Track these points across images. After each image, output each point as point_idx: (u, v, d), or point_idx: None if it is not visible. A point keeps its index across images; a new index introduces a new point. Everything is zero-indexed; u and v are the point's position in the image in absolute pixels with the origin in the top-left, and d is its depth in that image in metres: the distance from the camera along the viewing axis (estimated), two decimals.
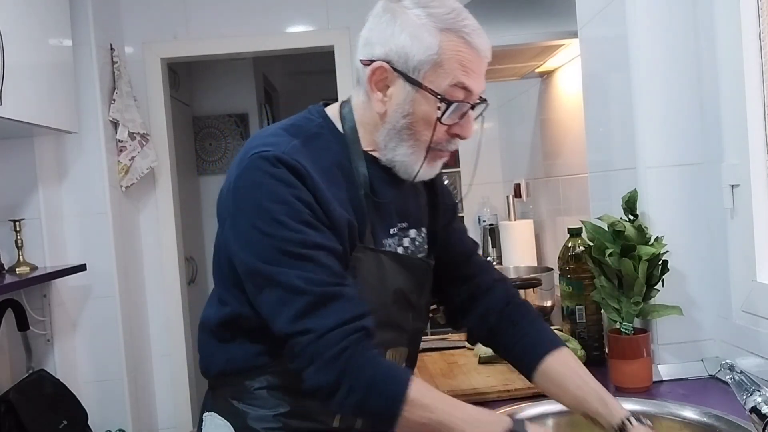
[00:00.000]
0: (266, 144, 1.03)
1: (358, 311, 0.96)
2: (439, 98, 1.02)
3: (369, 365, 0.95)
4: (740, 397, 0.88)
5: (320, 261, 0.98)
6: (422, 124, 1.05)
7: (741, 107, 1.19)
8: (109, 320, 3.01)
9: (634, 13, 1.32)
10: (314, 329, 0.94)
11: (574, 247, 1.48)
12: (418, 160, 1.07)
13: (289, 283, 0.96)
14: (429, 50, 1.01)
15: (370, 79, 1.04)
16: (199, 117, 4.41)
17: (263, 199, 0.99)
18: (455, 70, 1.03)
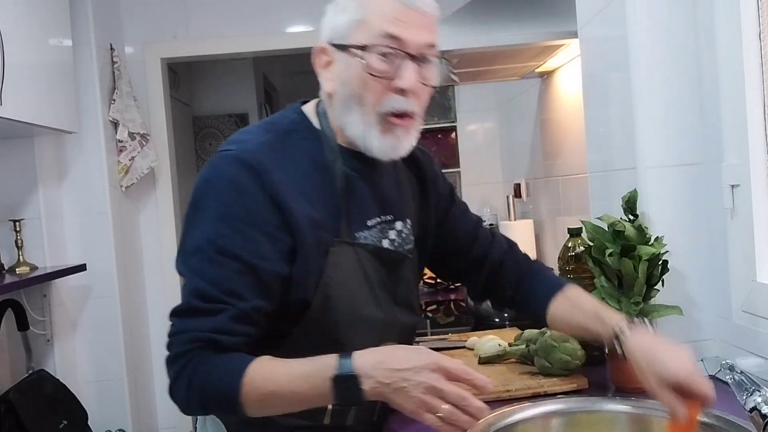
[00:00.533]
0: (235, 141, 1.07)
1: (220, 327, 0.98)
2: (356, 46, 1.03)
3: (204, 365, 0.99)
4: (740, 397, 0.88)
5: (227, 271, 0.99)
6: (360, 86, 1.04)
7: (741, 107, 1.19)
8: (109, 320, 3.01)
9: (634, 13, 1.32)
10: (174, 326, 1.04)
11: (574, 247, 1.47)
12: (370, 128, 1.06)
13: (190, 286, 1.01)
14: (351, 13, 1.04)
15: (315, 63, 1.10)
16: (199, 117, 4.41)
17: (207, 196, 1.03)
18: (380, 23, 1.02)
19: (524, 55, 2.02)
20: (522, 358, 1.44)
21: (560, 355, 1.33)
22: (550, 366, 1.34)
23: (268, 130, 1.10)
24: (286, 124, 1.12)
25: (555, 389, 1.29)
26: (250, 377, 0.95)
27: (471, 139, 3.58)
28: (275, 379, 0.96)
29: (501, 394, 1.29)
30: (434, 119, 3.57)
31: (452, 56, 1.93)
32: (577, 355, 1.34)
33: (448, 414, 0.87)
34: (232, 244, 1.00)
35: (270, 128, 1.10)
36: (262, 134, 1.08)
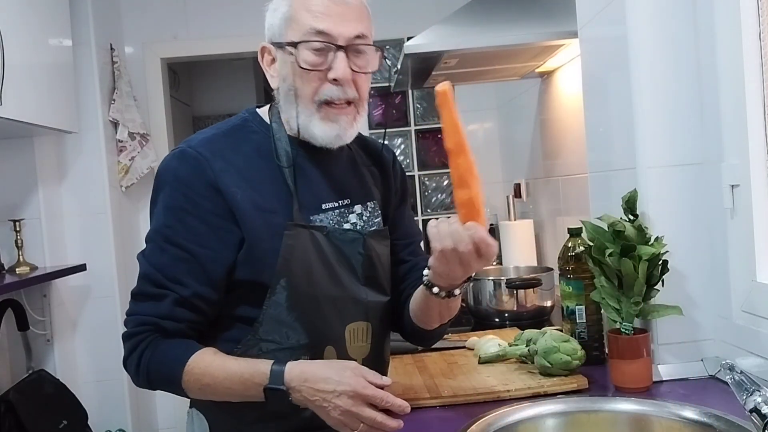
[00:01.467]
0: (187, 140, 1.16)
1: (167, 313, 1.09)
2: (288, 43, 1.11)
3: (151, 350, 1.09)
4: (740, 397, 0.88)
5: (169, 258, 1.09)
6: (296, 79, 1.12)
7: (741, 107, 1.19)
8: (109, 320, 3.01)
9: (634, 13, 1.32)
10: (129, 307, 1.13)
11: (574, 247, 1.47)
12: (311, 117, 1.13)
13: (142, 270, 1.12)
14: (281, 13, 1.13)
15: (262, 62, 1.18)
16: (199, 117, 4.41)
17: (159, 191, 1.12)
18: (305, 19, 1.10)
19: (524, 55, 2.02)
20: (522, 358, 1.44)
21: (560, 355, 1.33)
22: (550, 366, 1.34)
23: (217, 127, 1.19)
24: (234, 121, 1.21)
25: (555, 389, 1.29)
26: (191, 368, 1.06)
27: (471, 139, 3.52)
28: (213, 374, 1.06)
29: (501, 394, 1.29)
30: (434, 119, 3.57)
31: (452, 56, 1.93)
32: (577, 355, 1.34)
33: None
34: (175, 233, 1.09)
35: (219, 126, 1.20)
36: (208, 131, 1.18)
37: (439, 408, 1.28)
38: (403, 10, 3.26)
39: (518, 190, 2.94)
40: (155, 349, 1.09)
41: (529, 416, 1.18)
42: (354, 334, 1.18)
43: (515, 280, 1.99)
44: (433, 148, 3.58)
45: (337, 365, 1.05)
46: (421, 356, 1.61)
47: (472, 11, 1.93)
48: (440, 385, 1.37)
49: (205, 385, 1.07)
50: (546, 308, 1.97)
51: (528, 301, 1.94)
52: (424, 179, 3.58)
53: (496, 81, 2.69)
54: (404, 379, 1.42)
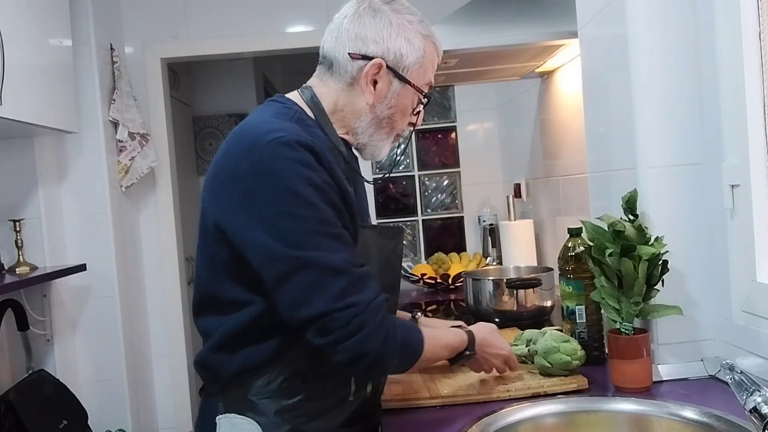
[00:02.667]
0: (276, 130, 1.06)
1: (380, 286, 1.09)
2: (423, 95, 1.22)
3: (398, 329, 1.09)
4: (740, 397, 0.88)
5: (347, 241, 1.08)
6: (399, 115, 1.22)
7: (741, 107, 1.19)
8: (109, 320, 3.01)
9: (634, 13, 1.32)
10: (358, 302, 1.02)
11: (574, 247, 1.47)
12: (386, 145, 1.24)
13: (328, 264, 1.02)
14: (419, 54, 1.19)
15: (366, 73, 1.16)
16: (199, 117, 4.41)
17: (291, 183, 1.02)
18: (429, 72, 1.22)
19: (524, 55, 2.02)
20: (522, 358, 1.44)
21: (560, 355, 1.33)
22: (550, 366, 1.34)
23: (287, 118, 1.13)
24: (294, 114, 1.16)
25: (555, 389, 1.29)
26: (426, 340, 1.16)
27: (471, 139, 3.58)
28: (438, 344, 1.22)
29: (501, 394, 1.29)
30: (434, 119, 3.57)
31: (452, 56, 1.93)
32: (577, 355, 1.34)
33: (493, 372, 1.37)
34: (335, 218, 1.07)
35: (286, 116, 1.14)
36: (286, 122, 1.12)
37: (439, 408, 1.28)
38: None
39: (518, 190, 2.94)
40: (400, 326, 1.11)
41: (529, 416, 1.18)
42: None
43: (515, 280, 1.99)
44: (433, 148, 3.58)
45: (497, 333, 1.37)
46: None
47: (472, 11, 1.93)
48: (440, 385, 1.37)
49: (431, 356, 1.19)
50: (546, 308, 1.97)
51: (528, 301, 1.94)
52: (424, 179, 3.58)
53: (496, 81, 2.68)
54: (404, 379, 1.42)
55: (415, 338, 1.14)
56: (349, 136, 1.22)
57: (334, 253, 1.03)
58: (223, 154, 1.10)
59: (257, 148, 1.04)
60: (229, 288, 1.12)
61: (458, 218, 3.58)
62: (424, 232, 3.58)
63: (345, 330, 1.01)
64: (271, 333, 1.11)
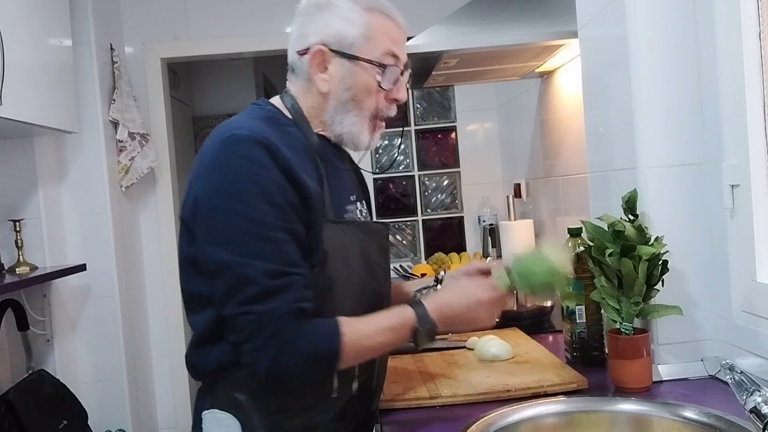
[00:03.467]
0: (236, 127, 1.11)
1: (297, 297, 1.05)
2: (377, 65, 1.18)
3: (305, 339, 1.05)
4: (740, 397, 0.88)
5: (279, 244, 1.06)
6: (364, 93, 1.19)
7: (741, 107, 1.19)
8: (109, 320, 3.01)
9: (634, 13, 1.32)
10: (257, 312, 1.03)
11: (574, 247, 1.47)
12: (363, 128, 1.21)
13: (241, 273, 1.04)
14: (360, 27, 1.17)
15: (311, 63, 1.18)
16: (199, 117, 4.41)
17: (234, 179, 1.06)
18: (384, 41, 1.18)
19: (524, 55, 2.02)
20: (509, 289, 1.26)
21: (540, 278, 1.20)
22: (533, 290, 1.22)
23: (255, 118, 1.17)
24: (263, 113, 1.19)
25: (555, 389, 1.29)
26: (345, 334, 1.07)
27: (471, 139, 3.58)
28: (368, 335, 1.11)
29: (501, 394, 1.29)
30: (434, 119, 3.57)
31: (452, 56, 1.93)
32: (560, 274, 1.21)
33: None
34: (275, 217, 1.06)
35: (256, 116, 1.17)
36: (255, 120, 1.15)
37: (439, 408, 1.28)
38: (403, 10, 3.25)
39: (518, 190, 2.94)
40: (302, 332, 1.05)
41: (529, 416, 1.18)
42: None
43: None
44: (433, 148, 3.58)
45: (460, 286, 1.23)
46: (421, 356, 1.61)
47: (472, 11, 1.93)
48: (440, 385, 1.37)
49: (365, 348, 1.11)
50: (546, 308, 1.97)
51: (528, 301, 1.94)
52: (424, 179, 3.59)
53: (496, 81, 2.68)
54: (404, 379, 1.42)
55: (326, 344, 1.07)
56: (326, 131, 1.22)
57: (253, 259, 1.04)
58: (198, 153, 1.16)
59: (214, 145, 1.10)
60: (195, 283, 1.15)
61: (458, 218, 3.58)
62: (424, 232, 3.58)
63: (243, 335, 1.05)
64: None
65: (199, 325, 1.16)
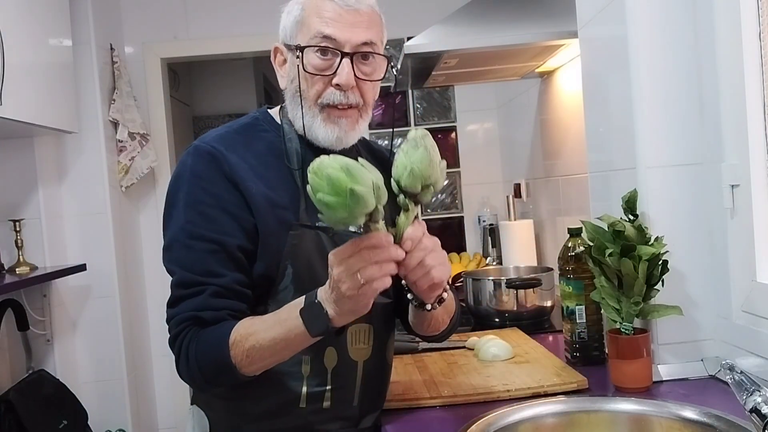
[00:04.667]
0: (200, 137, 1.17)
1: (201, 305, 1.08)
2: (295, 47, 1.14)
3: (194, 341, 1.08)
4: (740, 397, 0.88)
5: (200, 253, 1.09)
6: (304, 82, 1.14)
7: (741, 107, 1.19)
8: (109, 320, 3.01)
9: (634, 13, 1.32)
10: (169, 315, 1.14)
11: (574, 247, 1.48)
12: (315, 119, 1.15)
13: (174, 278, 1.14)
14: (293, 16, 1.16)
15: (274, 62, 1.21)
16: (199, 117, 4.41)
17: (177, 191, 1.13)
18: (315, 24, 1.12)
19: (524, 55, 2.02)
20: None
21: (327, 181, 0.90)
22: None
23: (229, 125, 1.21)
24: (246, 120, 1.23)
25: (555, 389, 1.29)
26: (234, 338, 1.04)
27: (471, 139, 3.58)
28: (255, 332, 1.03)
29: (501, 394, 1.29)
30: (434, 119, 3.57)
31: (452, 56, 1.93)
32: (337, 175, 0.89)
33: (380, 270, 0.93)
34: (200, 227, 1.09)
35: (231, 124, 1.22)
36: (221, 129, 1.20)
37: (439, 408, 1.28)
38: (403, 10, 3.26)
39: (518, 190, 2.94)
40: (197, 340, 1.07)
41: (529, 416, 1.18)
42: (356, 336, 1.17)
43: (515, 280, 1.99)
44: None
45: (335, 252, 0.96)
46: (421, 356, 1.61)
47: (472, 11, 1.93)
48: (440, 385, 1.37)
49: (251, 348, 1.02)
50: (546, 308, 1.97)
51: (528, 301, 1.94)
52: None
53: (496, 81, 2.69)
54: (404, 379, 1.42)
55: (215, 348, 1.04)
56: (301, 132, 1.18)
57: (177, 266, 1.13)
58: None
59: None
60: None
61: (458, 218, 3.58)
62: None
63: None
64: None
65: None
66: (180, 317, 1.10)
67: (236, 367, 1.04)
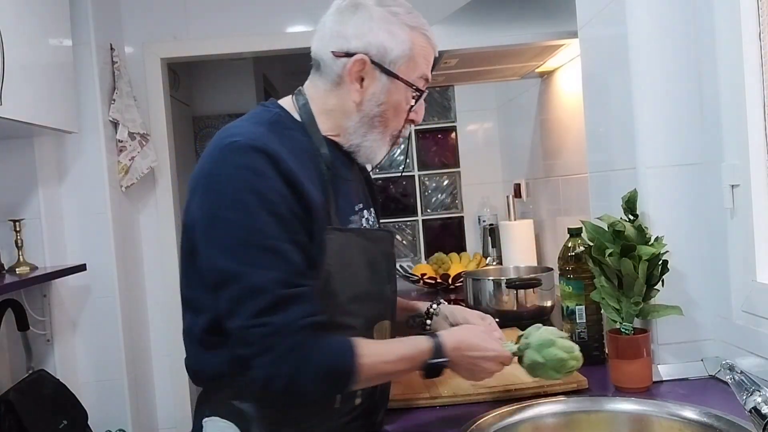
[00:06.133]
0: (235, 134, 1.07)
1: (311, 310, 1.02)
2: (414, 89, 1.16)
3: (319, 354, 1.02)
4: (740, 397, 0.88)
5: (284, 255, 1.02)
6: (392, 112, 1.16)
7: (741, 107, 1.19)
8: (109, 320, 3.01)
9: (634, 13, 1.32)
10: (272, 323, 0.99)
11: (574, 247, 1.47)
12: (383, 145, 1.18)
13: (250, 282, 1.00)
14: (404, 46, 1.13)
15: (350, 70, 1.13)
16: (199, 117, 4.41)
17: (233, 189, 1.02)
18: (422, 64, 1.16)
19: (524, 55, 2.02)
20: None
21: (556, 350, 1.18)
22: (542, 363, 1.18)
23: (259, 122, 1.12)
24: (267, 116, 1.15)
25: (555, 389, 1.29)
26: (362, 356, 1.04)
27: (471, 139, 3.58)
28: (383, 359, 1.08)
29: (501, 394, 1.28)
30: (434, 119, 3.57)
31: (452, 56, 1.93)
32: (574, 354, 1.19)
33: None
34: (278, 228, 1.02)
35: (258, 121, 1.13)
36: (255, 126, 1.10)
37: (439, 408, 1.28)
38: None
39: (518, 190, 2.94)
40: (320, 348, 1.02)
41: (529, 416, 1.18)
42: (380, 333, 1.19)
43: (515, 280, 1.99)
44: (433, 148, 3.58)
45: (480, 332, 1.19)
46: None
47: (472, 11, 1.93)
48: (440, 385, 1.37)
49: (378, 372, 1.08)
50: (546, 308, 1.97)
51: (528, 301, 1.94)
52: (424, 179, 3.59)
53: (496, 81, 2.69)
54: (404, 379, 1.42)
55: (341, 363, 1.03)
56: (340, 137, 1.17)
57: (261, 269, 1.00)
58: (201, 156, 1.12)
59: (214, 152, 1.07)
60: (193, 290, 1.12)
61: (458, 218, 3.58)
62: (424, 232, 3.58)
63: (256, 348, 1.00)
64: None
65: (195, 332, 1.13)
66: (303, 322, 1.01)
67: (354, 381, 1.05)
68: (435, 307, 1.39)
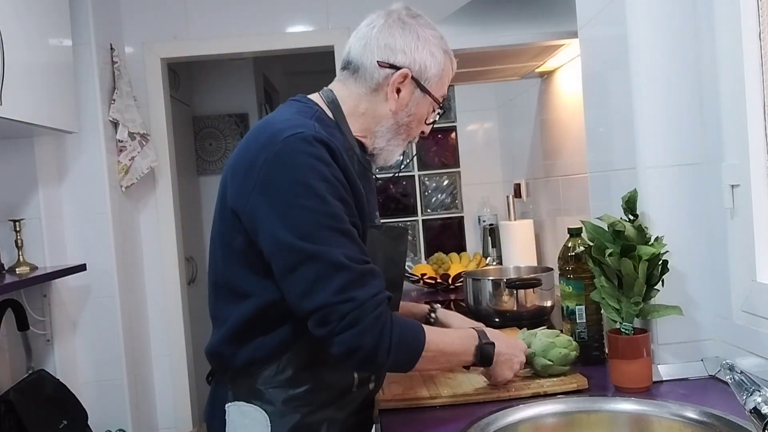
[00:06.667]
0: (296, 126, 1.12)
1: (383, 285, 1.11)
2: (439, 105, 1.29)
3: (397, 326, 1.10)
4: (740, 397, 0.88)
5: (353, 237, 1.10)
6: (416, 123, 1.28)
7: (741, 107, 1.19)
8: (109, 320, 3.01)
9: (634, 13, 1.32)
10: (356, 298, 1.05)
11: (574, 247, 1.47)
12: (398, 150, 1.30)
13: (331, 260, 1.06)
14: (440, 67, 1.26)
15: (393, 81, 1.22)
16: (199, 117, 4.41)
17: (305, 176, 1.08)
18: (446, 85, 1.30)
19: (524, 55, 2.02)
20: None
21: (558, 350, 1.35)
22: (551, 363, 1.34)
23: (308, 117, 1.19)
24: (314, 113, 1.21)
25: (555, 389, 1.29)
26: (429, 337, 1.16)
27: (471, 139, 3.58)
28: (443, 340, 1.21)
29: (501, 394, 1.29)
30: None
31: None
32: (573, 346, 1.37)
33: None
34: (343, 213, 1.10)
35: (307, 115, 1.19)
36: (308, 120, 1.17)
37: (439, 408, 1.28)
38: None
39: (518, 190, 2.94)
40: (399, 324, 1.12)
41: (529, 416, 1.18)
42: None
43: (515, 280, 1.99)
44: (433, 148, 3.58)
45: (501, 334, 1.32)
46: None
47: (472, 11, 1.93)
48: (440, 385, 1.37)
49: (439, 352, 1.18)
50: (546, 308, 1.97)
51: (528, 301, 1.94)
52: (424, 179, 3.59)
53: (496, 81, 2.69)
54: (404, 379, 1.42)
55: (415, 339, 1.14)
56: (366, 139, 1.27)
57: (338, 248, 1.06)
58: (244, 146, 1.16)
59: (276, 142, 1.10)
60: (241, 276, 1.16)
61: (458, 218, 3.58)
62: (424, 232, 3.58)
63: (341, 323, 1.05)
64: (280, 323, 1.16)
65: (235, 318, 1.17)
66: (381, 297, 1.09)
67: (419, 360, 1.14)
68: (433, 316, 1.51)
